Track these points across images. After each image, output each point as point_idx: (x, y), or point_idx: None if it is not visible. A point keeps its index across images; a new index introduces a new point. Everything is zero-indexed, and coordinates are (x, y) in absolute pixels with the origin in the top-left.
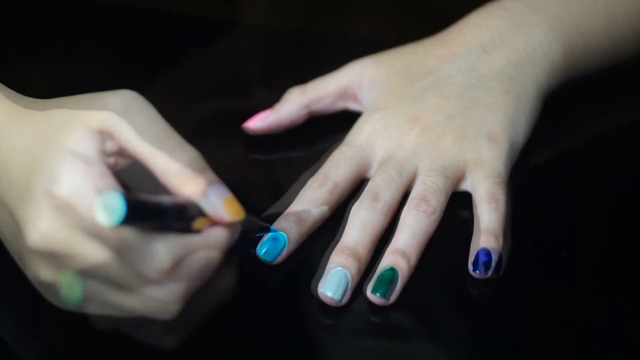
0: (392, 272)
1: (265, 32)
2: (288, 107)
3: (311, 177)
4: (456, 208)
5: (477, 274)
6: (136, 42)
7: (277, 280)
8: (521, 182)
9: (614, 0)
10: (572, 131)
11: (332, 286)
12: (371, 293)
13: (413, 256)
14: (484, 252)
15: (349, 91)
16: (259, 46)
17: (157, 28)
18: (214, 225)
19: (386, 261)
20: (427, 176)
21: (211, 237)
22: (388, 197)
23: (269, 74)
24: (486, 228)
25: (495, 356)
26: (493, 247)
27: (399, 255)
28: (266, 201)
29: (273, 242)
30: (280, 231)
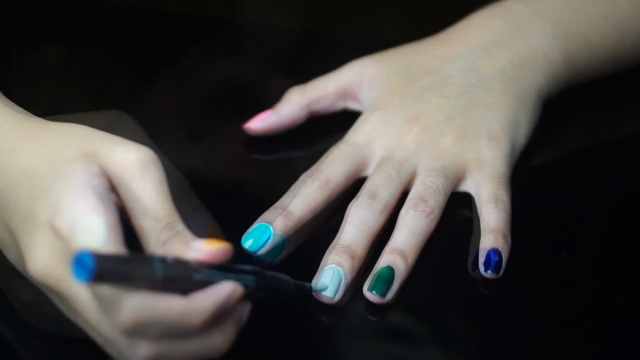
0: (390, 271)
1: (265, 32)
2: (289, 107)
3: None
4: (455, 208)
5: (489, 274)
6: (136, 42)
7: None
8: (521, 183)
9: (624, 18)
10: (572, 132)
11: (326, 283)
12: (368, 291)
13: (411, 256)
14: (495, 252)
15: (349, 91)
16: (259, 46)
17: (157, 28)
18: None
19: (384, 260)
20: (427, 176)
21: (195, 303)
22: (386, 196)
23: (269, 74)
24: (494, 228)
25: (495, 356)
26: (502, 248)
27: (397, 254)
28: (266, 201)
29: (258, 234)
30: (265, 223)
